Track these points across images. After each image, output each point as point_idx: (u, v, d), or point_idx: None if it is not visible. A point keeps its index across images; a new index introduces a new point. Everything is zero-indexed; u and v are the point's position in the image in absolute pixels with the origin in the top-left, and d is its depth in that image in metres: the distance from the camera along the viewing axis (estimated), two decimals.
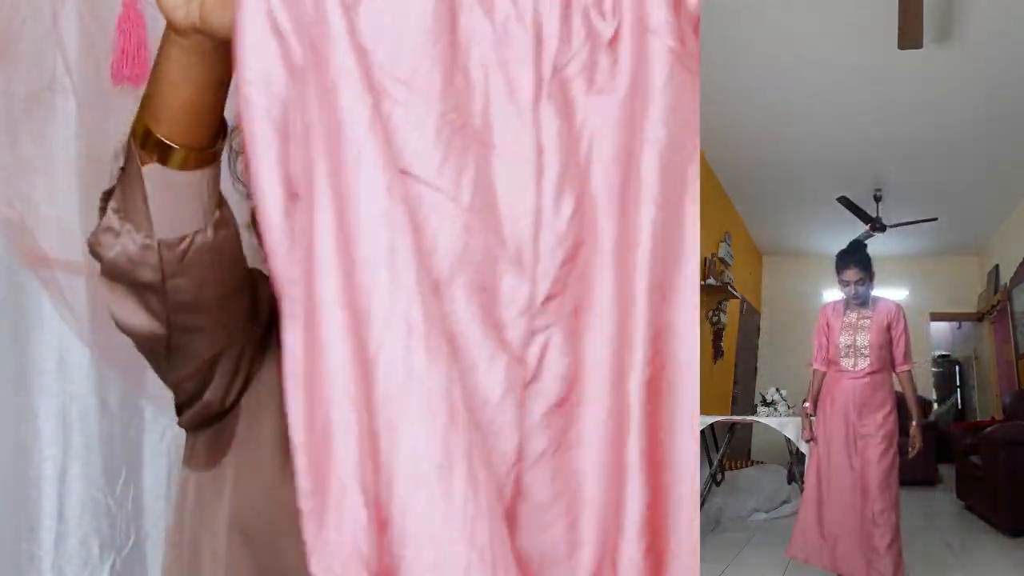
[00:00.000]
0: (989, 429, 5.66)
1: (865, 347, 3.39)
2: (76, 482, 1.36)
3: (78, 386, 1.35)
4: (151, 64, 1.32)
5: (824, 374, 3.47)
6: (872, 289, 3.46)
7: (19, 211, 1.31)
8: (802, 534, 3.41)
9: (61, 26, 1.31)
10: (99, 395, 1.36)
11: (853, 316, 3.44)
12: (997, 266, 7.97)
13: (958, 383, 9.99)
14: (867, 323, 3.42)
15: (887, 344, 3.41)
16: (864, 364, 3.37)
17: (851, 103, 4.99)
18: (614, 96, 0.74)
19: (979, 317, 8.81)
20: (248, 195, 1.01)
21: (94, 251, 0.81)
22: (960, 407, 9.69)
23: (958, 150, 5.75)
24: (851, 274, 3.37)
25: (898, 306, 3.51)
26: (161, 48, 0.79)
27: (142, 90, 1.32)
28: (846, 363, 3.40)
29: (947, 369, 9.98)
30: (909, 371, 3.47)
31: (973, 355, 9.38)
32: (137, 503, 1.39)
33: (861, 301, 3.41)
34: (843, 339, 3.42)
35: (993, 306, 8.05)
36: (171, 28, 0.76)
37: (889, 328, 3.43)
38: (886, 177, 6.53)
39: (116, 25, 1.32)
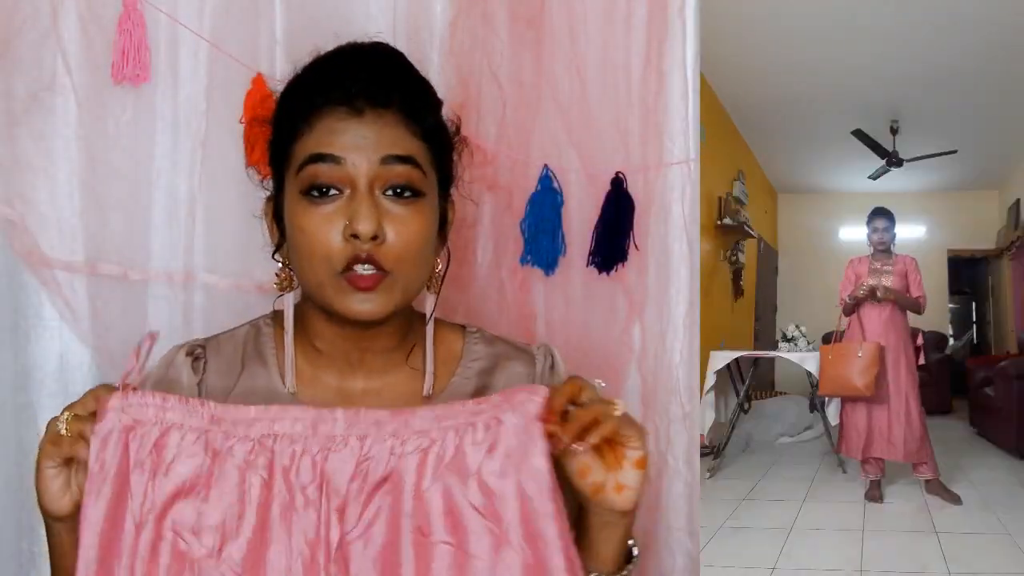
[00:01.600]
0: (1003, 363, 5.94)
1: (889, 288, 4.45)
2: None
3: (78, 386, 1.35)
4: (151, 64, 1.34)
5: (848, 299, 4.48)
6: (894, 240, 4.52)
7: (19, 211, 1.31)
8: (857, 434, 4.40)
9: (61, 26, 1.31)
10: None
11: (878, 264, 4.47)
12: (1018, 200, 7.80)
13: (974, 319, 9.97)
14: (889, 269, 4.44)
15: (905, 289, 4.43)
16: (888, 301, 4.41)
17: (866, 30, 4.80)
18: None
19: (998, 253, 8.68)
20: (260, 181, 1.02)
21: None
22: (976, 342, 9.67)
23: (978, 79, 5.50)
24: (881, 222, 4.49)
25: (914, 259, 4.56)
26: (51, 533, 0.90)
27: (142, 90, 1.34)
28: (873, 301, 4.41)
29: (963, 305, 9.95)
30: (919, 298, 4.47)
31: (991, 291, 9.33)
32: None
33: (885, 247, 4.47)
34: (871, 281, 4.43)
35: (1012, 242, 7.90)
36: (55, 519, 0.87)
37: (906, 275, 4.45)
38: (903, 108, 6.32)
39: (116, 25, 1.32)
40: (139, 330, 1.33)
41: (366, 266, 0.90)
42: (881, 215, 4.50)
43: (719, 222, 6.27)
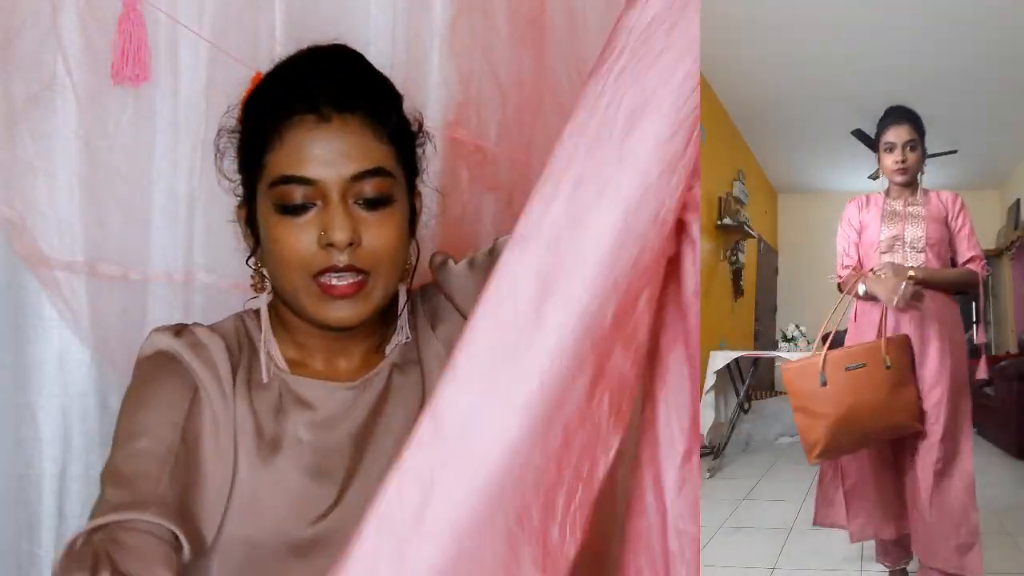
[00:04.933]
0: (1004, 363, 5.98)
1: (919, 240, 2.36)
2: (76, 482, 1.36)
3: (78, 386, 1.35)
4: (151, 64, 1.34)
5: (859, 291, 2.35)
6: (924, 166, 2.48)
7: (19, 211, 1.31)
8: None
9: (61, 26, 1.31)
10: (99, 395, 1.36)
11: (898, 204, 2.38)
12: (1018, 200, 7.79)
13: (975, 319, 10.00)
14: (919, 210, 2.38)
15: (945, 242, 2.40)
16: (918, 263, 2.34)
17: (866, 30, 4.79)
18: None
19: (998, 253, 8.71)
20: (233, 190, 1.03)
21: None
22: (976, 342, 9.72)
23: (978, 79, 5.49)
24: (899, 133, 2.37)
25: (957, 195, 2.47)
26: None
27: (142, 90, 1.34)
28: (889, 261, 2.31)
29: (964, 305, 9.98)
30: (981, 270, 2.50)
31: (990, 291, 9.35)
32: None
33: (908, 177, 2.38)
34: (885, 231, 2.36)
35: (1013, 242, 7.90)
36: None
37: (947, 221, 2.40)
38: None
39: (116, 25, 1.32)
40: (139, 330, 1.33)
41: (342, 275, 0.92)
42: (902, 117, 2.41)
43: (719, 222, 6.29)
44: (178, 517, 0.86)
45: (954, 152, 6.56)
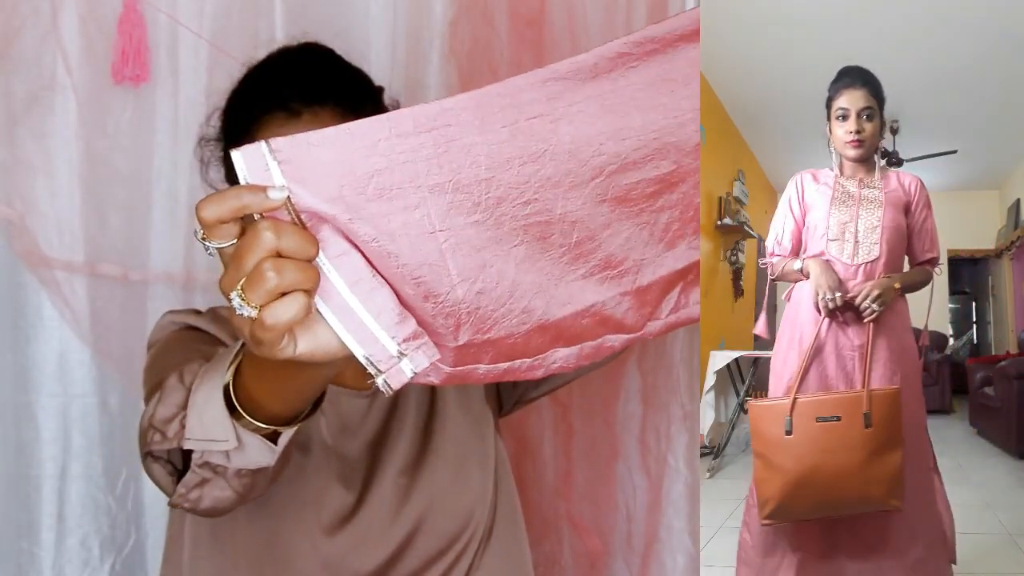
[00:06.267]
0: (1003, 363, 5.98)
1: (875, 229, 2.11)
2: (76, 482, 1.36)
3: (78, 386, 1.35)
4: (151, 64, 1.34)
5: (792, 267, 2.01)
6: (880, 140, 2.16)
7: (19, 211, 1.31)
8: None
9: (61, 26, 1.31)
10: (99, 395, 1.36)
11: (852, 184, 2.13)
12: (1019, 200, 7.81)
13: (974, 319, 9.98)
14: (875, 194, 2.15)
15: (902, 231, 2.11)
16: (872, 255, 2.03)
17: (866, 29, 4.81)
18: None
19: (998, 253, 8.72)
20: None
21: (182, 507, 0.76)
22: (976, 342, 9.71)
23: (978, 79, 5.54)
24: (854, 98, 2.09)
25: (919, 179, 2.21)
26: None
27: (142, 90, 1.34)
28: (836, 251, 2.02)
29: (964, 305, 9.99)
30: (932, 260, 2.13)
31: (990, 291, 9.35)
32: (137, 503, 1.39)
33: (864, 152, 2.08)
34: (835, 216, 2.09)
35: (1012, 242, 7.90)
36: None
37: (908, 210, 2.14)
38: (903, 108, 6.35)
39: (116, 25, 1.32)
40: (139, 330, 1.34)
41: None
42: (857, 79, 2.14)
43: (719, 222, 6.30)
44: None
45: (954, 152, 6.57)
